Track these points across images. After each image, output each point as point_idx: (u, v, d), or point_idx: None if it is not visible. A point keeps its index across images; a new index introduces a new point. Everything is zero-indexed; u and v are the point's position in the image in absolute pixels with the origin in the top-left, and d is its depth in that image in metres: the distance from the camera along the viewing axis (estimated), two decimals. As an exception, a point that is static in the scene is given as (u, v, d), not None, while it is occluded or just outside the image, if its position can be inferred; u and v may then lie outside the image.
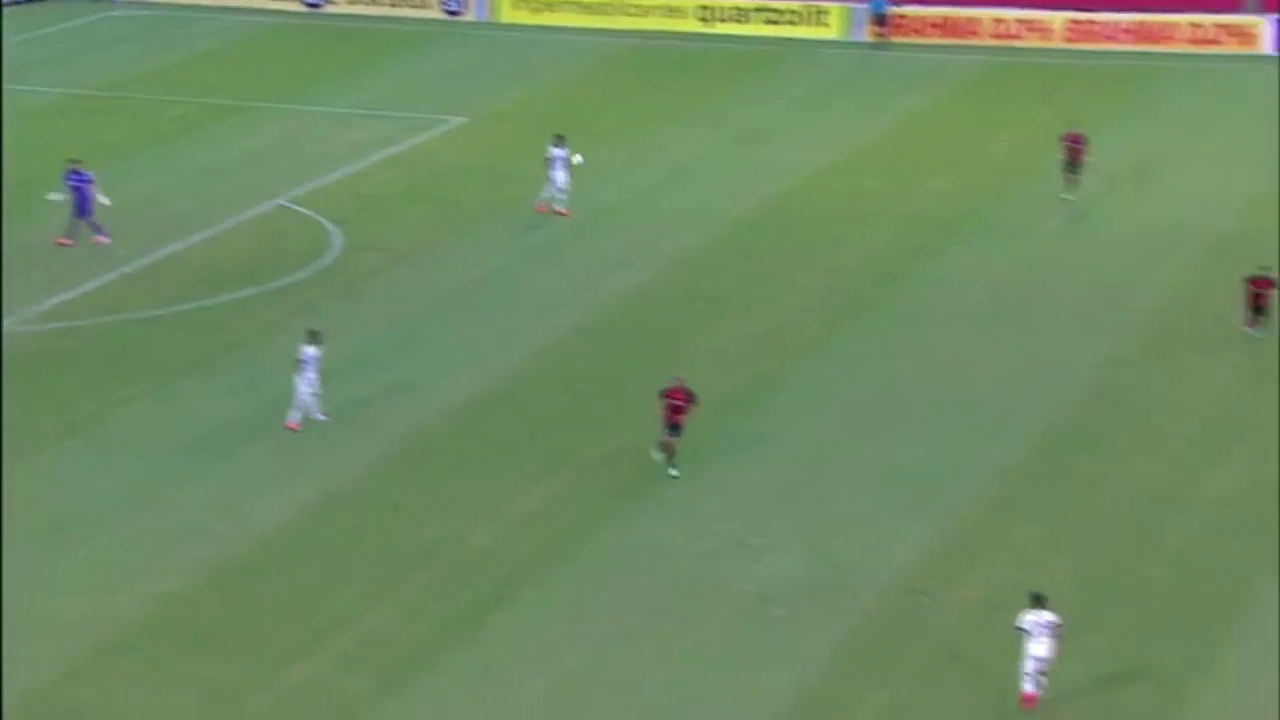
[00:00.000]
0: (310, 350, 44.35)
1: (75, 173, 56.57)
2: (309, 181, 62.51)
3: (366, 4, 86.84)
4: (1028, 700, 32.26)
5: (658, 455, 41.61)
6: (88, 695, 34.15)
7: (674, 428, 41.47)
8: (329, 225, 58.55)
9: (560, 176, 57.96)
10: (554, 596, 37.38)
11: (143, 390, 46.77)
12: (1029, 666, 32.38)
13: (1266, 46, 78.10)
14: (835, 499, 41.12)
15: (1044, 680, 32.49)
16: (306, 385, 44.11)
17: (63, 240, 56.07)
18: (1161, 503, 40.76)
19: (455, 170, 64.45)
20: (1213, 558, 38.38)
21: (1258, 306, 48.29)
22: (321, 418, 44.28)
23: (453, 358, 49.12)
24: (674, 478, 41.06)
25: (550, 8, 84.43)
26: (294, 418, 44.05)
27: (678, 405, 41.52)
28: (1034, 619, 32.46)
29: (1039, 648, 32.33)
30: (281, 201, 60.71)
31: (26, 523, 39.69)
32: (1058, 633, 32.32)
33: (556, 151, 58.00)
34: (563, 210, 58.04)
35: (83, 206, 56.17)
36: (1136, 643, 35.08)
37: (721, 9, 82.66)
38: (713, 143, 66.62)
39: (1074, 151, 57.94)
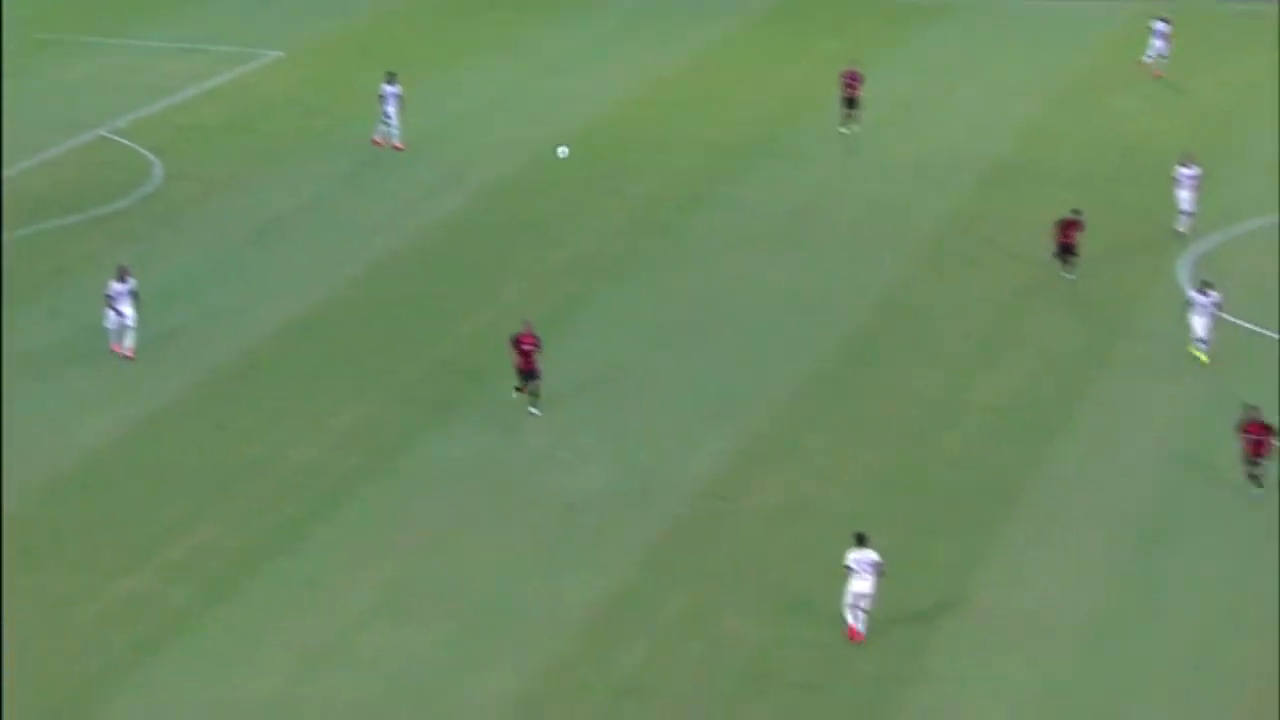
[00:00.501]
0: (118, 285, 43.54)
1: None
2: (129, 113, 61.53)
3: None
4: (854, 635, 32.10)
5: (518, 396, 40.76)
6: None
7: (529, 374, 40.65)
8: (149, 155, 57.76)
9: (390, 112, 57.43)
10: (374, 508, 37.50)
11: (-29, 316, 46.18)
12: (849, 600, 32.16)
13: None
14: (640, 412, 41.53)
15: (864, 615, 32.21)
16: (115, 320, 43.28)
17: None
18: (940, 410, 41.60)
19: (271, 102, 63.76)
20: (986, 459, 39.30)
21: (1066, 246, 47.24)
22: (127, 353, 43.49)
23: (273, 283, 48.82)
24: (534, 415, 40.37)
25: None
26: (127, 344, 43.46)
27: (527, 350, 40.66)
28: (858, 557, 32.17)
29: (862, 584, 32.06)
30: (102, 132, 59.75)
31: None
32: (880, 570, 32.11)
33: (388, 88, 57.40)
34: (399, 144, 57.53)
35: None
36: (920, 539, 35.89)
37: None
38: (523, 73, 66.45)
39: (851, 88, 58.42)
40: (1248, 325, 45.01)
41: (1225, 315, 43.01)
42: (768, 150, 58.53)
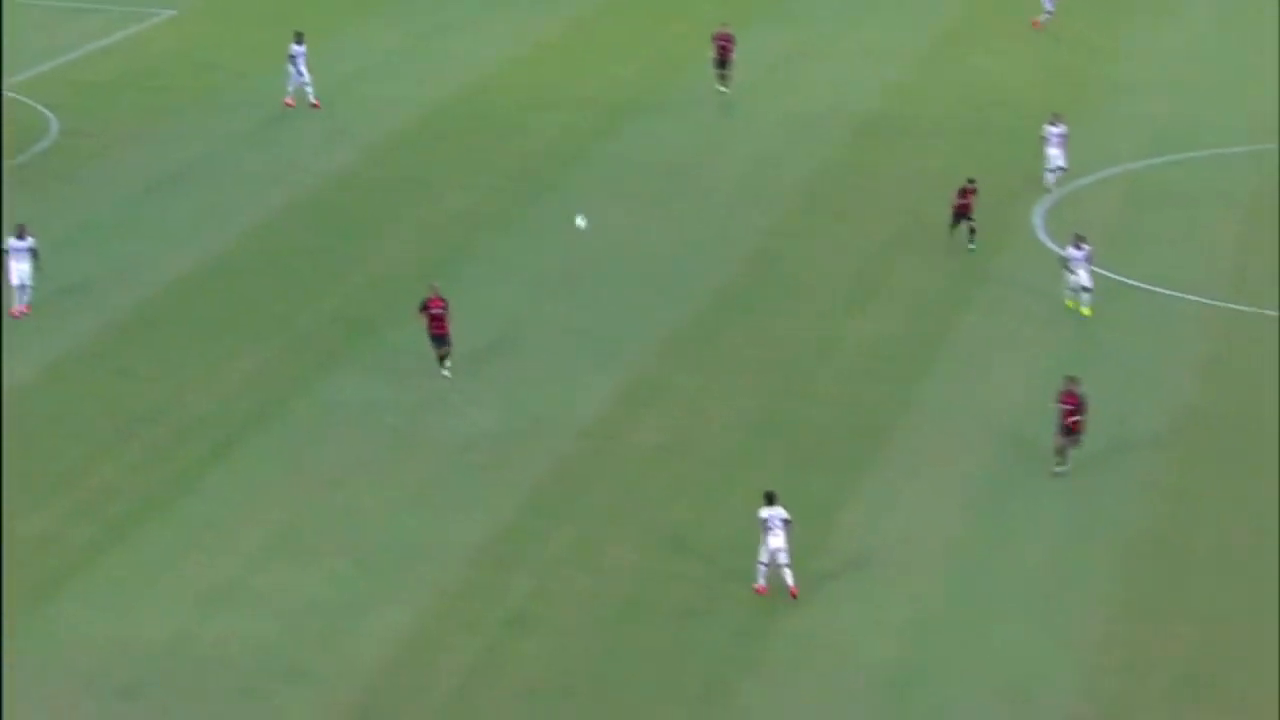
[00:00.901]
0: (16, 242, 42.68)
1: None
2: (25, 71, 60.67)
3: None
4: (762, 591, 31.86)
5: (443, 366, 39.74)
6: None
7: (439, 339, 39.54)
8: (46, 112, 57.01)
9: (303, 71, 56.82)
10: (270, 451, 37.41)
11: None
12: (763, 557, 31.84)
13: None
14: (525, 358, 41.63)
15: (789, 570, 31.81)
16: (17, 276, 42.76)
17: None
18: (812, 352, 41.99)
19: (165, 59, 63.09)
20: (856, 399, 39.73)
21: (962, 211, 46.19)
22: (24, 308, 42.77)
23: (170, 235, 48.44)
24: (446, 378, 39.55)
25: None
26: (24, 300, 42.93)
27: (437, 315, 39.68)
28: (769, 513, 31.97)
29: (775, 540, 31.79)
30: None
31: None
32: (789, 527, 31.85)
33: (296, 48, 56.76)
34: (315, 101, 56.89)
35: None
36: (793, 475, 36.21)
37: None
38: (409, 36, 66.05)
39: (724, 50, 58.45)
40: (1101, 271, 45.71)
41: (1095, 268, 43.18)
42: (646, 108, 58.61)
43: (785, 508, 32.08)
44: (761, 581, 31.99)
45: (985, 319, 43.54)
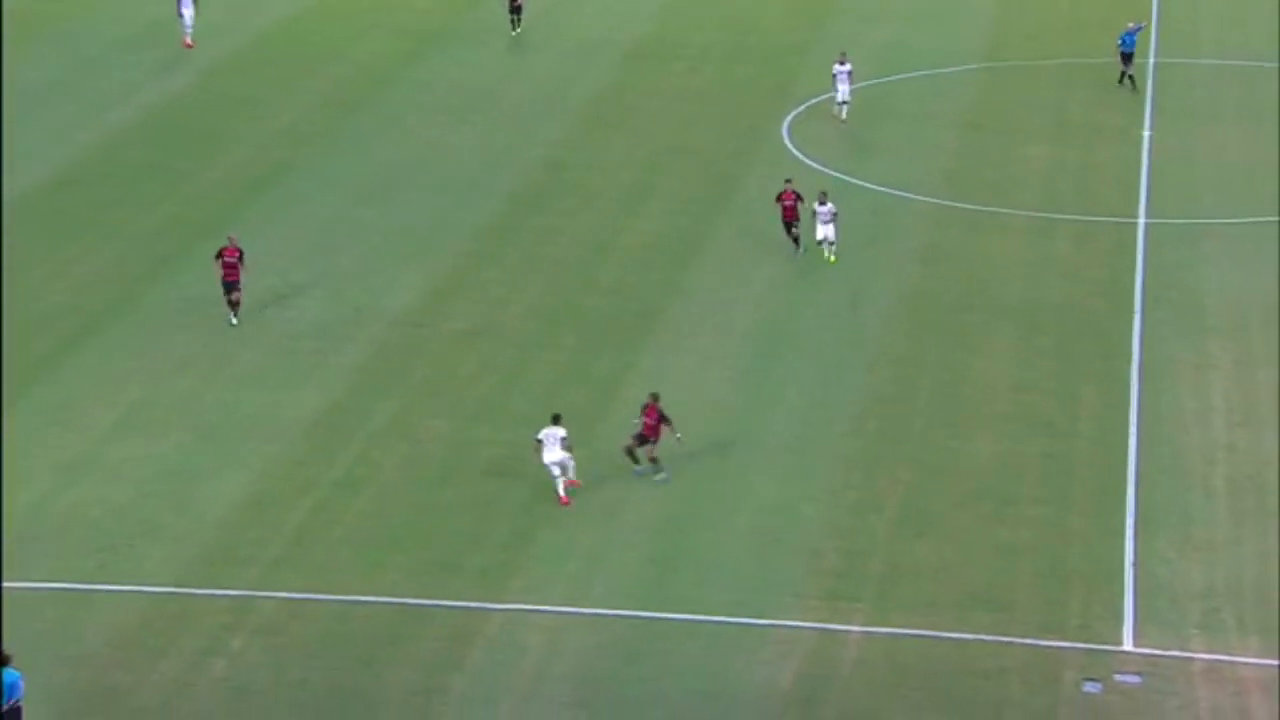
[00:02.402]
0: None
1: None
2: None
3: None
4: (564, 502, 30.60)
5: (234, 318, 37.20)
6: None
7: (230, 285, 36.88)
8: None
9: (183, 12, 54.65)
10: (120, 341, 36.82)
11: None
12: (554, 472, 30.55)
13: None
14: (348, 254, 41.33)
15: (562, 481, 30.65)
16: None
17: None
18: (597, 248, 42.22)
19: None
20: (633, 288, 40.05)
21: (789, 217, 40.86)
22: None
23: (22, 147, 47.12)
24: (233, 325, 36.90)
25: None
26: None
27: (231, 263, 36.91)
28: (549, 432, 30.54)
29: (551, 455, 30.45)
30: None
31: None
32: (568, 444, 30.94)
33: None
34: (190, 42, 54.89)
35: None
36: (581, 355, 36.55)
37: None
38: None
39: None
40: (836, 174, 46.51)
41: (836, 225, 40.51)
42: (449, 36, 58.02)
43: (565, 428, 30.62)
44: (563, 493, 30.68)
45: (741, 218, 44.10)
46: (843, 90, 49.41)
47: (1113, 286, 39.75)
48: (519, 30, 57.29)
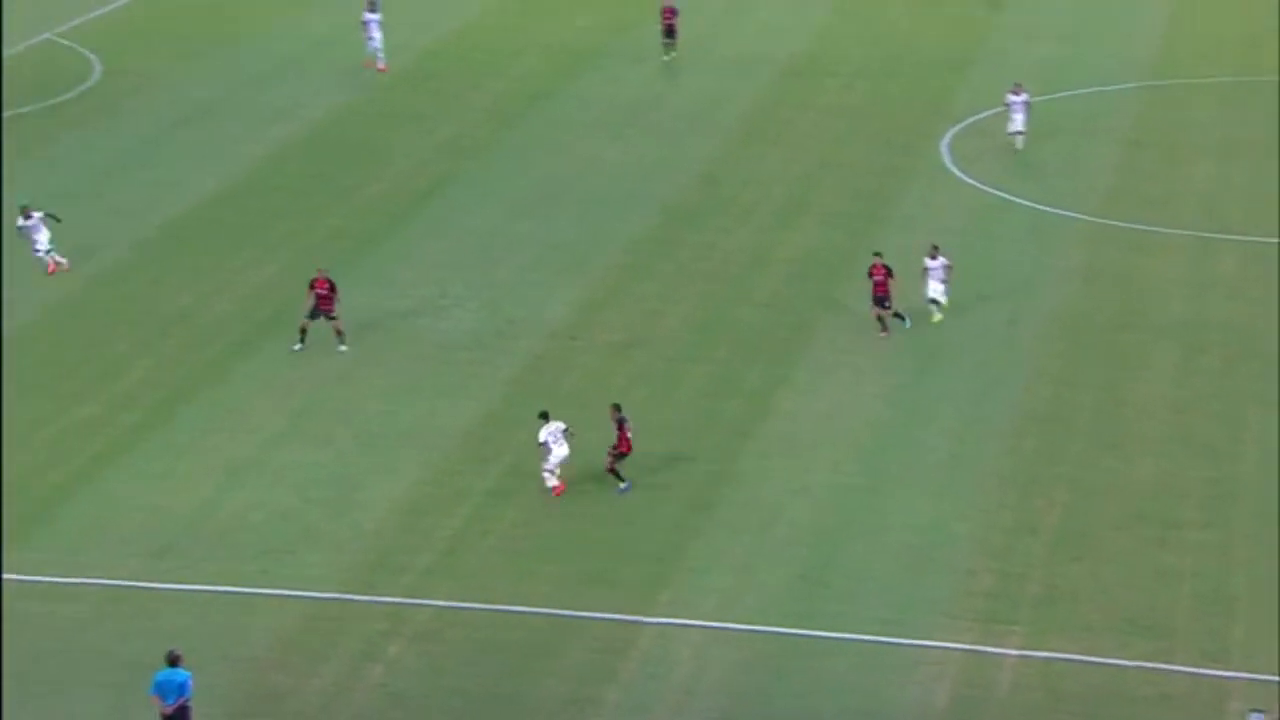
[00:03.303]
0: (24, 221, 39.56)
1: None
2: (71, 19, 59.79)
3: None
4: (557, 490, 30.58)
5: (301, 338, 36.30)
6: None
7: (321, 314, 36.07)
8: (89, 54, 56.24)
9: (377, 36, 54.73)
10: (285, 349, 37.16)
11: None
12: (550, 466, 30.45)
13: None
14: (503, 268, 41.43)
15: (556, 473, 30.63)
16: (41, 246, 39.38)
17: None
18: (751, 262, 41.88)
19: (193, 9, 62.14)
20: (786, 302, 39.65)
21: (879, 295, 37.12)
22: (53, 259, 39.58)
23: (199, 161, 47.99)
24: (342, 352, 36.09)
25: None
26: (58, 258, 39.98)
27: (323, 295, 36.09)
28: (551, 429, 30.41)
29: (562, 450, 30.46)
30: (48, 36, 58.07)
31: None
32: (569, 438, 30.63)
33: (370, 15, 54.17)
34: (382, 66, 54.68)
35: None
36: (732, 368, 36.26)
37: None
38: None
39: (669, 22, 57.10)
40: (995, 192, 45.70)
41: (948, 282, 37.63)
42: (604, 53, 58.06)
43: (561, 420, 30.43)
44: (555, 481, 30.54)
45: (896, 234, 43.43)
46: (1018, 120, 47.32)
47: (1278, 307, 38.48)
48: (672, 55, 56.49)
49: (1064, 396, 35.01)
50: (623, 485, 31.09)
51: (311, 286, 36.93)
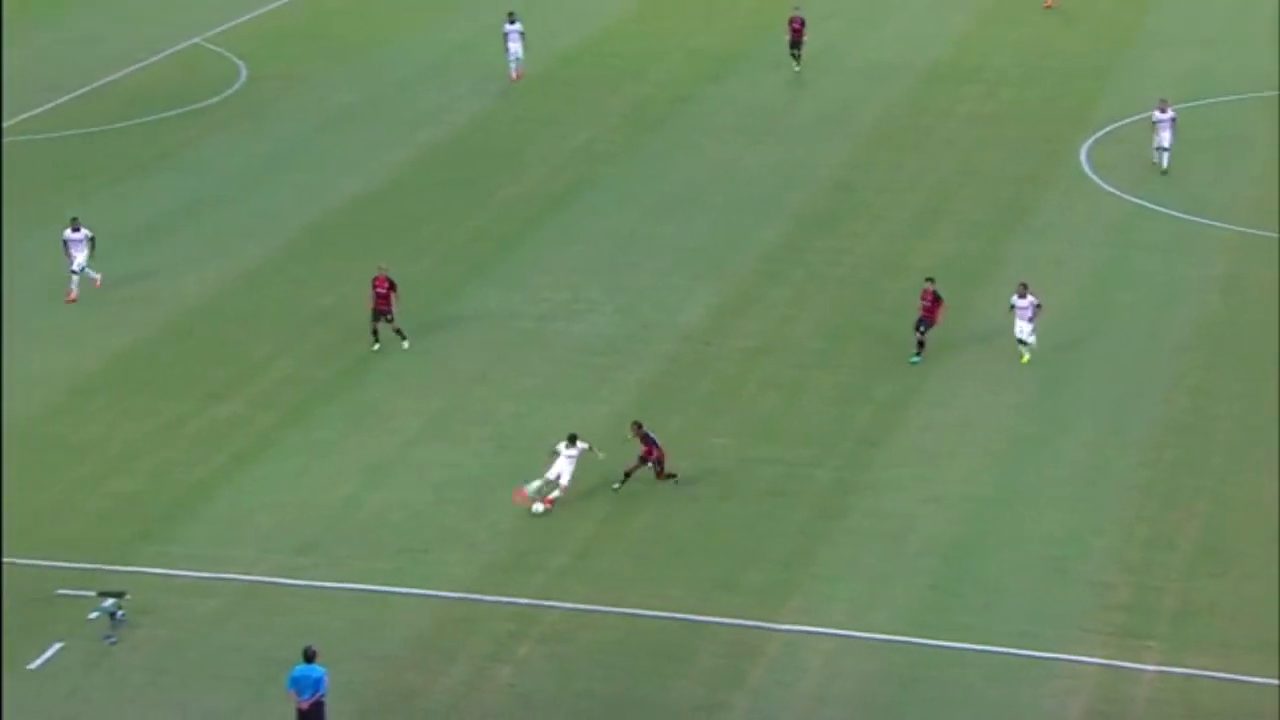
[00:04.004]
0: (72, 234, 38.79)
1: None
2: (219, 25, 60.89)
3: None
4: (539, 501, 30.18)
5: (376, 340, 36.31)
6: (63, 427, 34.00)
7: (379, 314, 36.06)
8: (236, 60, 57.21)
9: (509, 47, 54.77)
10: (424, 350, 37.50)
11: (94, 187, 46.08)
12: (550, 476, 30.19)
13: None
14: (639, 272, 41.45)
15: (561, 490, 30.38)
16: (75, 265, 38.36)
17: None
18: (884, 269, 41.48)
19: (339, 14, 63.03)
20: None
21: (927, 319, 36.10)
22: (71, 298, 38.46)
23: (342, 162, 48.61)
24: (405, 349, 36.17)
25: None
26: (73, 289, 38.93)
27: (382, 294, 36.08)
28: (570, 451, 30.30)
29: (565, 469, 30.24)
30: (197, 40, 59.18)
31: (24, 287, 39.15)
32: (583, 457, 30.28)
33: (509, 27, 54.10)
34: (515, 76, 54.24)
35: None
36: (864, 376, 35.91)
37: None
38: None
39: (796, 33, 56.70)
40: (1136, 199, 44.84)
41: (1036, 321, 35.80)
42: (742, 57, 57.90)
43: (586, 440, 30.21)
44: (529, 492, 30.12)
45: (1034, 242, 42.82)
46: (1164, 137, 45.59)
47: None
48: (799, 68, 55.66)
49: (1204, 408, 34.26)
50: (677, 479, 30.48)
51: (373, 286, 36.60)
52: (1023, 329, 35.56)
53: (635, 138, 50.79)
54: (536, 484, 30.62)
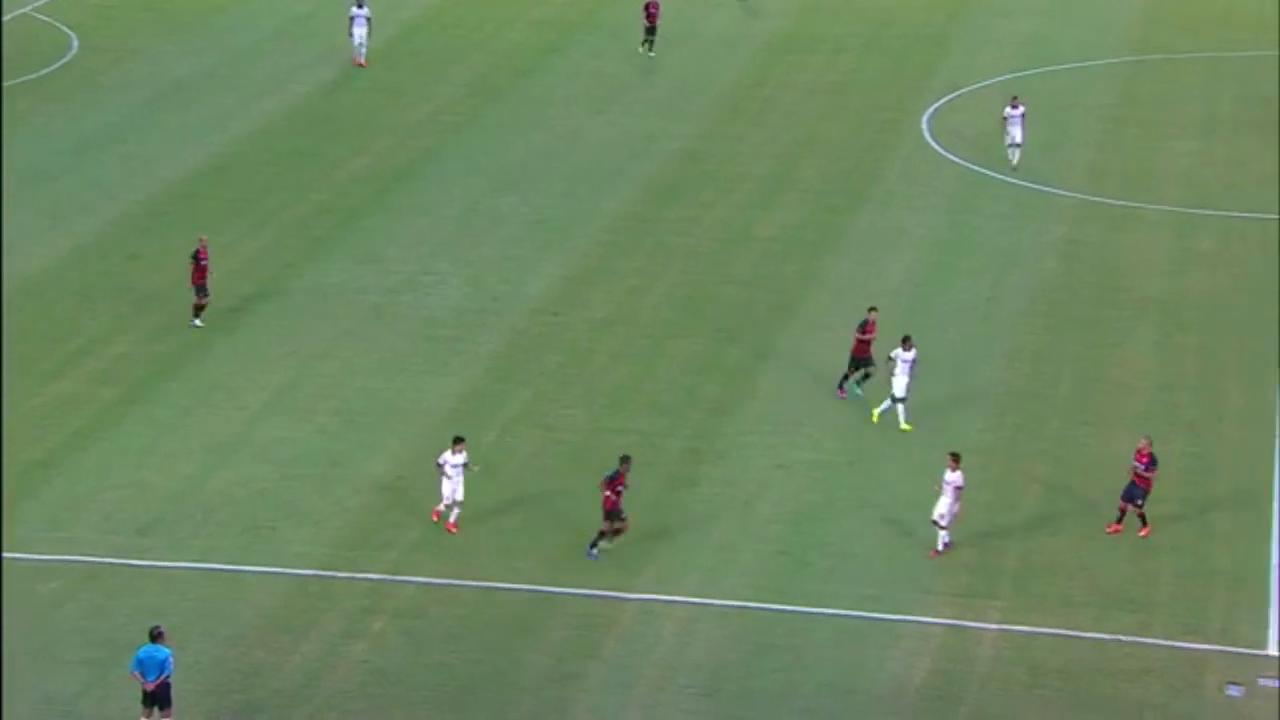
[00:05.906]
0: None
1: None
2: (50, -6, 59.45)
3: None
4: (450, 528, 29.01)
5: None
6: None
7: (199, 288, 35.06)
8: (68, 30, 55.79)
9: (353, 32, 54.22)
10: (268, 325, 37.02)
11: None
12: (446, 497, 28.94)
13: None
14: (487, 243, 41.26)
15: (457, 509, 29.09)
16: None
17: None
18: (733, 239, 41.78)
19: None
20: (767, 278, 39.58)
21: (860, 357, 33.49)
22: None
23: (180, 134, 47.67)
24: (197, 326, 35.33)
25: None
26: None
27: (204, 265, 35.12)
28: (453, 459, 28.85)
29: (453, 485, 28.83)
30: (26, 10, 57.58)
31: None
32: (469, 471, 28.97)
33: (357, 11, 52.72)
34: (362, 61, 54.44)
35: None
36: (716, 343, 36.16)
37: None
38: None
39: (650, 18, 56.62)
40: (976, 168, 45.61)
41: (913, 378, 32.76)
42: (587, 28, 57.79)
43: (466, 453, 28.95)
44: (445, 508, 29.05)
45: (877, 211, 43.40)
46: (1015, 133, 45.19)
47: (1259, 284, 38.52)
48: (653, 54, 55.22)
49: (1044, 372, 35.01)
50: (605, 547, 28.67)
51: (195, 257, 35.97)
52: (899, 384, 31.97)
53: (480, 108, 50.51)
54: (441, 508, 29.29)
